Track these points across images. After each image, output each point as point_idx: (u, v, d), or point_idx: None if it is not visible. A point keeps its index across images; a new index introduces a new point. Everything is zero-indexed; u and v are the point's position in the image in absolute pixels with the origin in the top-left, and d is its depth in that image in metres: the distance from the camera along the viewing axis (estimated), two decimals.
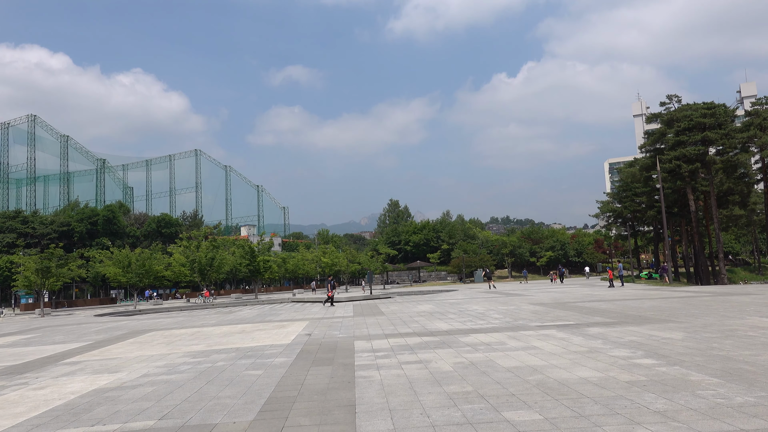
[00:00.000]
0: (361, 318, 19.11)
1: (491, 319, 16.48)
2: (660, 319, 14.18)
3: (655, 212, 55.29)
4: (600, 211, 69.80)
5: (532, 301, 24.28)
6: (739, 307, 16.70)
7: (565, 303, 21.82)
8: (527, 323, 14.73)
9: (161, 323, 22.70)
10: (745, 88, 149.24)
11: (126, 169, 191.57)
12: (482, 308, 20.95)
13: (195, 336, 15.99)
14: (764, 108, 43.25)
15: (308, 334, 14.69)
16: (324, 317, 20.57)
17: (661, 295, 25.33)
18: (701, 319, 13.80)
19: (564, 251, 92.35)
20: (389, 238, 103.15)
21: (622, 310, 17.49)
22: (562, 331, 12.54)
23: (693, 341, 10.16)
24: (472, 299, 28.08)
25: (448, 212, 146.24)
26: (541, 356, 9.27)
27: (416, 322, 16.40)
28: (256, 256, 56.31)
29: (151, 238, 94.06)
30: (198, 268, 50.63)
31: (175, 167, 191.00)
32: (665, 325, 12.82)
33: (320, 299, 37.98)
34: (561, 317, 15.96)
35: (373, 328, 15.23)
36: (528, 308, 19.94)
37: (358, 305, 27.77)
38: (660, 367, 7.84)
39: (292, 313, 24.09)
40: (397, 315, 19.65)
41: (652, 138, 43.62)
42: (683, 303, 19.28)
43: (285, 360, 10.26)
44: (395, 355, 10.21)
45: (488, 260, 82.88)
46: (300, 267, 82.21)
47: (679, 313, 15.75)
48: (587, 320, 14.74)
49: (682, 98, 43.26)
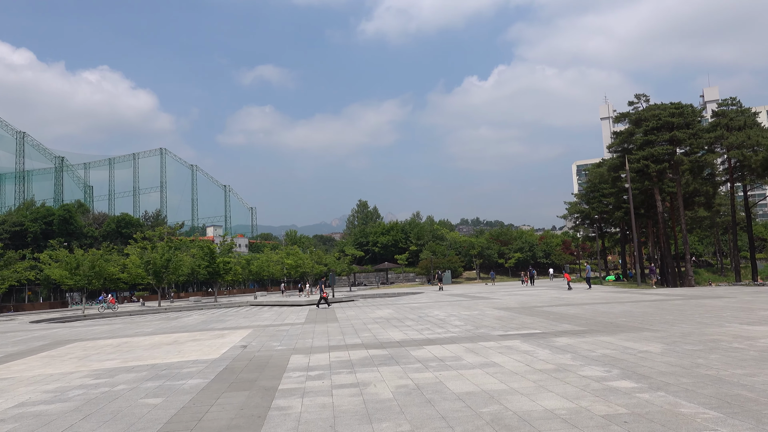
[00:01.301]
0: (311, 326, 17.46)
1: (451, 326, 15.02)
2: (633, 327, 12.91)
3: (623, 213, 54.95)
4: (568, 212, 69.46)
5: (497, 305, 22.97)
6: (714, 313, 15.60)
7: (532, 307, 20.55)
8: (489, 332, 13.31)
9: (93, 332, 20.64)
10: (708, 93, 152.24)
11: (88, 168, 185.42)
12: (444, 314, 19.51)
13: (118, 348, 14.12)
14: (730, 108, 43.06)
15: (244, 345, 12.98)
16: (272, 324, 18.85)
17: (631, 298, 24.31)
18: (678, 327, 12.57)
19: (532, 252, 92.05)
20: (357, 239, 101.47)
21: (592, 315, 16.25)
22: (528, 342, 11.13)
23: (674, 355, 8.84)
24: (435, 303, 26.67)
25: (418, 213, 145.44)
26: (500, 376, 7.79)
27: (369, 331, 14.84)
28: (215, 258, 54.04)
29: (110, 239, 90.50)
30: (153, 270, 48.16)
31: (140, 166, 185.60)
32: (640, 335, 11.53)
33: (282, 302, 36.15)
34: (527, 324, 14.60)
35: (319, 339, 13.61)
36: (492, 314, 18.57)
37: (314, 310, 26.09)
38: (641, 393, 6.43)
39: (241, 320, 22.27)
40: (352, 322, 18.07)
41: (621, 137, 42.99)
42: (655, 308, 18.16)
43: (198, 382, 8.58)
44: (331, 375, 8.62)
45: (456, 261, 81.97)
46: (265, 269, 79.95)
47: (652, 319, 14.55)
48: (555, 328, 13.40)
49: (650, 98, 42.78)
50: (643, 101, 42.74)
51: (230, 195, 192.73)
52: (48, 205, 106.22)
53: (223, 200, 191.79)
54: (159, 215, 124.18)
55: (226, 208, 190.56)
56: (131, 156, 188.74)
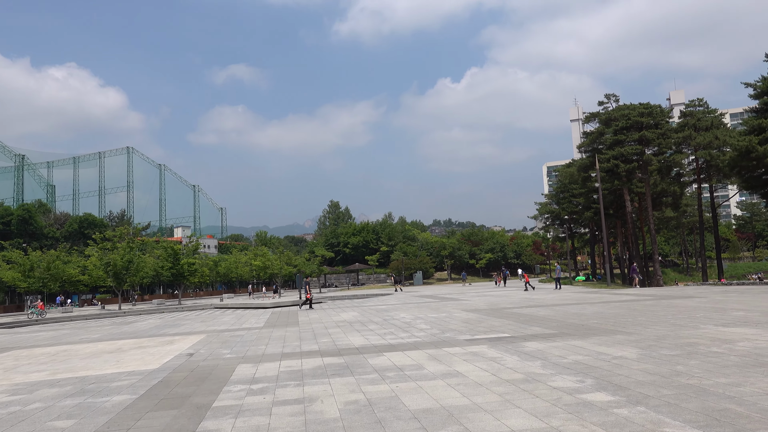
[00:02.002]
0: (269, 330, 16.47)
1: (416, 330, 14.21)
2: (606, 330, 12.29)
3: (592, 213, 55.13)
4: (538, 212, 69.62)
5: (466, 306, 22.28)
6: (686, 313, 15.13)
7: (502, 309, 19.90)
8: (456, 336, 12.54)
9: (36, 338, 19.25)
10: (674, 96, 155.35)
11: (51, 167, 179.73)
12: (410, 316, 18.71)
13: (54, 358, 12.92)
14: (698, 109, 43.39)
15: (190, 354, 11.95)
16: (228, 329, 17.79)
17: (602, 299, 23.90)
18: (652, 330, 11.98)
19: (503, 253, 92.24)
20: (328, 240, 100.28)
21: (562, 317, 15.62)
22: (495, 348, 10.37)
23: (651, 362, 8.16)
24: (403, 305, 25.88)
25: (390, 214, 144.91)
26: (464, 389, 6.99)
27: (329, 336, 13.93)
28: (180, 259, 52.33)
29: (72, 240, 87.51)
30: (113, 272, 46.30)
31: (106, 165, 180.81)
32: (613, 338, 10.88)
33: (247, 305, 34.94)
34: (495, 327, 13.88)
35: (273, 345, 12.65)
36: (460, 316, 17.84)
37: (276, 313, 25.05)
38: (619, 409, 5.69)
39: (197, 324, 21.11)
40: (313, 326, 17.13)
41: (591, 137, 42.97)
42: (627, 309, 17.67)
43: (124, 399, 7.56)
44: (275, 388, 7.70)
45: (428, 262, 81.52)
46: (233, 270, 78.22)
47: (625, 321, 13.98)
48: (524, 331, 12.70)
49: (619, 98, 42.83)
50: (613, 101, 42.79)
51: (199, 195, 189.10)
52: (7, 204, 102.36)
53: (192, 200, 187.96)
54: (124, 215, 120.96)
55: (195, 208, 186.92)
56: (97, 155, 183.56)
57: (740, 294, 22.13)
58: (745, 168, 32.37)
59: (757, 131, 30.98)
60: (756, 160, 30.31)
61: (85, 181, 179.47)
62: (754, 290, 24.82)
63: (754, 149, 29.62)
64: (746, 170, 32.70)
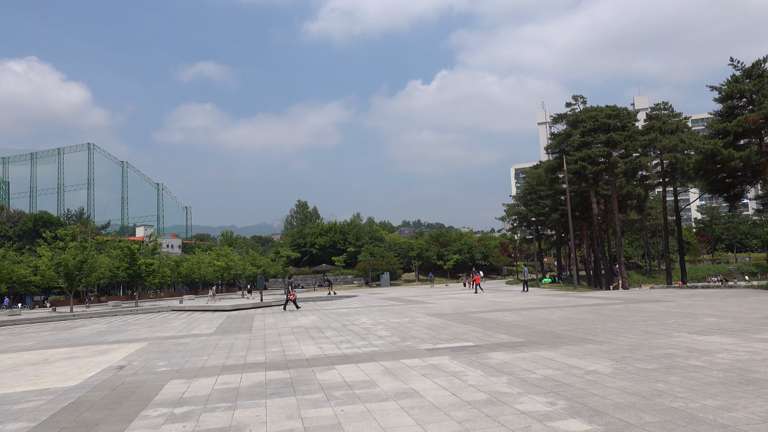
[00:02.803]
0: (218, 337, 15.27)
1: (375, 338, 13.24)
2: (576, 338, 11.52)
3: (559, 215, 55.13)
4: (506, 213, 69.52)
5: (431, 310, 21.41)
6: (658, 319, 14.53)
7: (467, 314, 19.08)
8: (416, 345, 11.61)
9: None
10: (638, 101, 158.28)
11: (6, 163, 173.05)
12: (371, 321, 17.72)
13: None
14: (663, 113, 43.60)
15: (121, 366, 10.71)
16: (174, 336, 16.51)
17: (569, 302, 23.34)
18: (624, 338, 11.26)
19: (471, 254, 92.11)
20: (295, 240, 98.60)
21: (530, 323, 14.86)
22: (458, 359, 9.47)
23: (628, 377, 7.35)
24: (366, 308, 24.90)
25: (359, 214, 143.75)
26: (418, 414, 6.03)
27: (280, 345, 12.85)
28: (137, 259, 50.26)
29: (26, 239, 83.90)
30: (64, 272, 44.08)
31: (65, 162, 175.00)
32: (584, 348, 10.10)
33: (205, 307, 33.47)
34: (459, 335, 13.01)
35: (216, 356, 11.51)
36: (424, 321, 16.94)
37: (232, 316, 23.76)
38: None
39: (143, 330, 19.70)
40: (266, 332, 15.99)
41: (558, 139, 42.74)
42: (595, 314, 17.03)
43: (17, 429, 6.37)
44: (202, 413, 6.61)
45: (395, 263, 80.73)
46: (195, 270, 76.02)
47: (595, 327, 13.27)
48: (490, 339, 11.85)
49: (587, 99, 42.71)
50: (581, 103, 42.65)
51: (164, 194, 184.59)
52: None
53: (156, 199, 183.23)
54: (82, 214, 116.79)
55: (158, 207, 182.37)
56: (56, 151, 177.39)
57: (707, 298, 21.81)
58: (710, 171, 32.42)
59: (722, 134, 31.04)
60: (720, 163, 30.34)
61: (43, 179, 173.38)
62: (719, 294, 24.62)
63: (719, 152, 29.62)
64: (711, 173, 32.76)
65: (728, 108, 32.36)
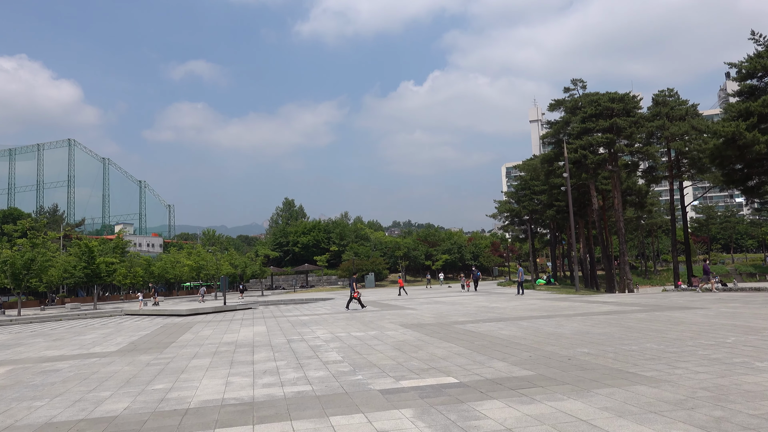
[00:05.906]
0: (113, 359, 11.25)
1: (316, 365, 9.27)
2: (610, 370, 7.62)
3: (554, 211, 51.48)
4: (498, 210, 65.84)
5: (408, 319, 17.46)
6: (709, 336, 10.70)
7: (453, 324, 15.16)
8: (371, 381, 7.66)
9: None
10: None
11: None
12: (327, 335, 13.75)
13: None
14: (669, 99, 40.01)
15: None
16: (57, 357, 12.47)
17: (576, 309, 19.46)
18: (684, 370, 7.34)
19: (461, 254, 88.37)
20: (277, 239, 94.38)
21: (535, 341, 10.96)
22: (427, 416, 5.56)
23: None
24: (332, 315, 20.91)
25: (347, 213, 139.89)
26: None
27: (177, 375, 8.86)
28: (95, 258, 45.99)
29: None
30: (10, 271, 39.77)
31: (46, 159, 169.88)
32: (633, 393, 6.20)
33: (161, 311, 29.36)
34: (437, 360, 9.08)
35: (63, 399, 7.51)
36: (394, 336, 13.00)
37: (170, 324, 19.66)
38: None
39: (38, 345, 15.58)
40: (182, 351, 11.99)
41: (556, 127, 38.95)
42: (618, 326, 13.15)
43: None
44: None
45: (381, 263, 76.81)
46: (169, 270, 71.73)
47: (629, 350, 9.39)
48: (481, 371, 7.94)
49: (587, 84, 38.95)
50: (580, 87, 38.93)
51: (147, 192, 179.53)
52: None
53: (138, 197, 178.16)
54: (56, 211, 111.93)
55: (141, 205, 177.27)
56: (35, 147, 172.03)
57: (746, 304, 18.01)
58: (728, 159, 28.78)
59: (743, 116, 27.38)
60: (743, 148, 26.64)
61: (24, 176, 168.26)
62: (756, 298, 20.86)
63: (742, 136, 25.96)
64: (728, 161, 29.12)
65: (749, 88, 28.74)
